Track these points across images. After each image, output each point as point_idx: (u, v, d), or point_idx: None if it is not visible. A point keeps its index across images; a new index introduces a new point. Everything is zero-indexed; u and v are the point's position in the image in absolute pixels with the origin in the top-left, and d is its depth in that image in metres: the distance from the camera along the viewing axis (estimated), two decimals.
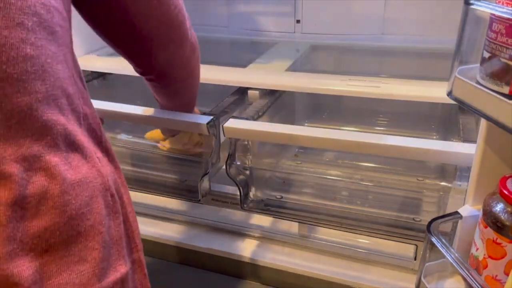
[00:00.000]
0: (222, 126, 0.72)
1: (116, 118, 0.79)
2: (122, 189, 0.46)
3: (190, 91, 0.72)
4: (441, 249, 0.50)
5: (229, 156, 0.76)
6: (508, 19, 0.41)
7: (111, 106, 0.77)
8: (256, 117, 0.78)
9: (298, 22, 1.18)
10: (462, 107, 0.50)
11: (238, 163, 0.77)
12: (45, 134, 0.37)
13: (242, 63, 0.98)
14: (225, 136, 0.74)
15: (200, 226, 0.87)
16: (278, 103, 0.89)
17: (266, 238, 0.83)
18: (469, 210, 0.54)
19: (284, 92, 0.90)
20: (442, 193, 0.77)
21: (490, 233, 0.48)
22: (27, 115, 0.35)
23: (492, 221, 0.47)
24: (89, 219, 0.39)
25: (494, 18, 0.42)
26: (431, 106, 0.95)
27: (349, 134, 0.70)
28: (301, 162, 0.96)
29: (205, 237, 0.85)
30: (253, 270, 0.80)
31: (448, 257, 0.50)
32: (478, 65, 0.45)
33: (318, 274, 0.75)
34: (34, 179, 0.36)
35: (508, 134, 0.42)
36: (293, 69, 0.97)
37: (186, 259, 0.85)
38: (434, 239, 0.51)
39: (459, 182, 0.64)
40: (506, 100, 0.41)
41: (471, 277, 0.47)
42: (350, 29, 1.14)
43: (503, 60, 0.42)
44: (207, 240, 0.84)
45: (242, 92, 0.89)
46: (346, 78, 0.84)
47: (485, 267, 0.50)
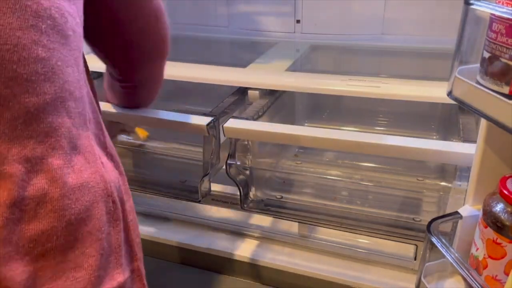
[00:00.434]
0: (222, 126, 0.72)
1: (115, 119, 0.79)
2: (125, 196, 0.45)
3: (154, 96, 0.73)
4: (441, 249, 0.50)
5: (229, 156, 0.76)
6: (508, 19, 0.41)
7: (111, 107, 0.77)
8: (256, 117, 0.78)
9: (298, 22, 1.18)
10: (462, 107, 0.50)
11: (238, 163, 0.77)
12: (50, 136, 0.37)
13: (242, 63, 0.98)
14: (225, 136, 0.74)
15: (200, 226, 0.87)
16: (278, 103, 0.89)
17: (266, 238, 0.83)
18: (469, 210, 0.54)
19: (284, 92, 0.90)
20: (442, 193, 0.77)
21: (490, 233, 0.48)
22: (34, 116, 0.35)
23: (492, 221, 0.47)
24: (87, 225, 0.39)
25: (494, 18, 0.42)
26: (431, 106, 0.95)
27: (349, 134, 0.70)
28: (301, 162, 0.96)
29: (205, 237, 0.85)
30: (253, 270, 0.80)
31: (448, 257, 0.50)
32: (478, 65, 0.45)
33: (318, 274, 0.75)
34: (34, 181, 0.36)
35: (508, 134, 0.42)
36: (293, 69, 0.97)
37: (186, 259, 0.85)
38: (434, 239, 0.51)
39: (459, 182, 0.64)
40: (506, 100, 0.41)
41: (471, 277, 0.46)
42: (350, 29, 1.14)
43: (503, 60, 0.42)
44: (207, 240, 0.84)
45: (242, 92, 0.89)
46: (346, 78, 0.84)
47: (485, 267, 0.50)
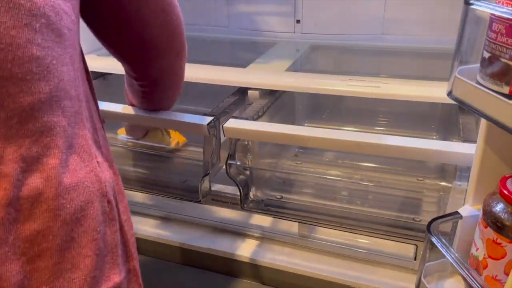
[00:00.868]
0: (222, 126, 0.72)
1: (116, 119, 0.79)
2: (119, 196, 0.45)
3: (174, 98, 0.72)
4: (441, 249, 0.50)
5: (229, 156, 0.76)
6: (508, 19, 0.41)
7: (111, 107, 0.77)
8: (256, 117, 0.78)
9: (298, 22, 1.18)
10: (462, 107, 0.50)
11: (238, 163, 0.77)
12: (45, 135, 0.36)
13: (242, 63, 0.98)
14: (225, 136, 0.74)
15: (200, 226, 0.87)
16: (278, 103, 0.89)
17: (266, 238, 0.83)
18: (469, 210, 0.54)
19: (284, 92, 0.90)
20: (442, 193, 0.77)
21: (490, 233, 0.48)
22: (29, 116, 0.35)
23: (492, 221, 0.47)
24: (83, 225, 0.38)
25: (494, 18, 0.42)
26: (431, 106, 0.95)
27: (349, 134, 0.70)
28: (301, 162, 0.96)
29: (205, 237, 0.85)
30: (253, 270, 0.80)
31: (448, 257, 0.50)
32: (478, 65, 0.45)
33: (318, 274, 0.75)
34: (29, 181, 0.35)
35: (508, 134, 0.42)
36: (293, 69, 0.97)
37: (186, 259, 0.85)
38: (434, 239, 0.51)
39: (459, 182, 0.64)
40: (506, 100, 0.41)
41: (471, 277, 0.46)
42: (350, 29, 1.14)
43: (503, 60, 0.42)
44: (207, 240, 0.84)
45: (242, 92, 0.89)
46: (346, 78, 0.84)
47: (485, 267, 0.50)
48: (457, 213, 0.54)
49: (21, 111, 0.35)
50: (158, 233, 0.86)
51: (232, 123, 0.73)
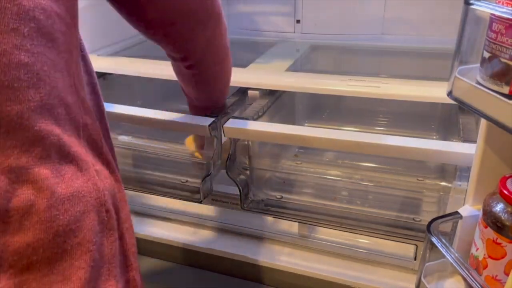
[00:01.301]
0: (223, 126, 0.72)
1: (116, 119, 0.79)
2: (120, 204, 0.43)
3: (226, 74, 0.70)
4: (441, 249, 0.50)
5: (229, 156, 0.76)
6: (508, 19, 0.41)
7: (111, 107, 0.77)
8: (256, 117, 0.78)
9: (298, 22, 1.18)
10: (462, 107, 0.50)
11: (238, 163, 0.77)
12: (36, 145, 0.35)
13: (242, 63, 0.98)
14: (225, 136, 0.74)
15: (200, 226, 0.87)
16: (278, 103, 0.89)
17: (266, 238, 0.83)
18: (469, 210, 0.54)
19: (284, 92, 0.90)
20: (442, 193, 0.77)
21: (490, 233, 0.48)
22: (17, 125, 0.33)
23: (492, 221, 0.47)
24: (77, 236, 0.37)
25: (494, 18, 0.42)
26: (431, 106, 0.95)
27: (349, 134, 0.70)
28: (301, 162, 0.96)
29: (205, 237, 0.85)
30: (253, 270, 0.80)
31: (448, 257, 0.50)
32: (478, 65, 0.45)
33: (318, 274, 0.75)
34: (19, 192, 0.34)
35: (508, 134, 0.42)
36: (293, 69, 0.97)
37: (186, 259, 0.85)
38: (434, 239, 0.51)
39: (459, 182, 0.64)
40: (506, 100, 0.41)
41: (471, 277, 0.47)
42: (350, 29, 1.14)
43: (503, 60, 0.42)
44: (207, 240, 0.84)
45: (242, 92, 0.89)
46: (346, 78, 0.84)
47: (485, 267, 0.50)
48: (457, 213, 0.54)
49: (8, 121, 0.33)
50: (157, 233, 0.86)
51: (232, 123, 0.73)
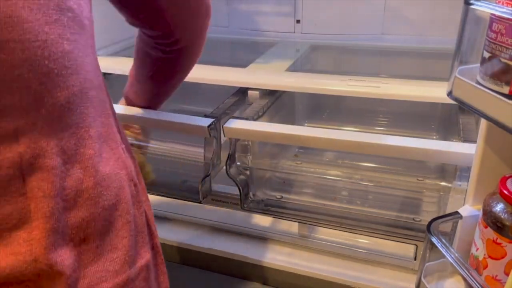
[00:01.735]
0: (222, 126, 0.72)
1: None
2: (138, 177, 0.47)
3: (189, 69, 0.69)
4: (441, 249, 0.50)
5: (229, 156, 0.76)
6: (508, 19, 0.41)
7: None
8: (256, 117, 0.78)
9: (298, 22, 1.18)
10: (462, 107, 0.50)
11: (238, 163, 0.77)
12: (80, 126, 0.38)
13: (242, 63, 0.98)
14: (225, 136, 0.74)
15: (200, 226, 0.87)
16: (278, 103, 0.89)
17: (266, 238, 0.83)
18: (469, 210, 0.54)
19: (284, 92, 0.90)
20: (442, 193, 0.77)
21: (490, 233, 0.48)
22: (66, 109, 0.37)
23: (492, 221, 0.47)
24: (118, 209, 0.41)
25: (494, 18, 0.42)
26: (431, 106, 0.95)
27: (349, 134, 0.70)
28: (301, 162, 0.96)
29: (205, 237, 0.85)
30: (253, 270, 0.80)
31: (448, 257, 0.50)
32: (478, 65, 0.45)
33: (318, 274, 0.75)
34: (71, 172, 0.37)
35: (508, 134, 0.42)
36: (293, 69, 0.97)
37: (186, 259, 0.85)
38: (434, 239, 0.51)
39: (459, 182, 0.64)
40: (506, 100, 0.41)
41: (471, 277, 0.47)
42: (350, 29, 1.14)
43: (503, 60, 0.42)
44: (207, 240, 0.84)
45: (242, 92, 0.89)
46: (346, 78, 0.84)
47: (485, 267, 0.50)
48: (457, 213, 0.54)
49: (59, 106, 0.36)
50: (158, 233, 0.86)
51: (232, 124, 0.73)
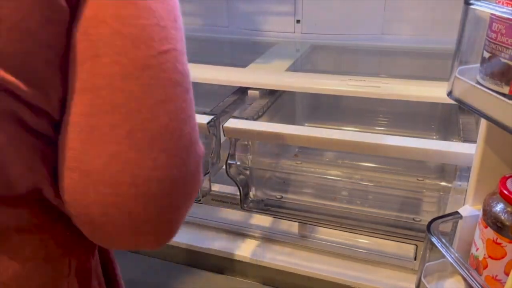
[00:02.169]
0: (222, 126, 0.72)
1: None
2: None
3: None
4: (441, 249, 0.50)
5: (229, 156, 0.76)
6: (508, 19, 0.41)
7: None
8: (256, 117, 0.78)
9: (298, 22, 1.18)
10: (462, 107, 0.50)
11: (238, 163, 0.77)
12: None
13: (242, 63, 0.98)
14: (225, 136, 0.74)
15: (200, 226, 0.87)
16: (278, 103, 0.89)
17: (266, 238, 0.83)
18: (469, 210, 0.54)
19: (284, 92, 0.90)
20: (442, 193, 0.77)
21: (490, 233, 0.48)
22: None
23: (492, 221, 0.47)
24: None
25: (494, 18, 0.42)
26: (431, 106, 0.95)
27: (349, 134, 0.70)
28: (301, 162, 0.96)
29: (205, 237, 0.85)
30: (253, 270, 0.80)
31: (448, 257, 0.50)
32: (478, 65, 0.45)
33: (318, 274, 0.75)
34: None
35: (508, 134, 0.42)
36: (293, 69, 0.97)
37: (186, 259, 0.85)
38: (434, 239, 0.51)
39: (459, 182, 0.64)
40: (506, 100, 0.41)
41: (471, 277, 0.46)
42: (350, 29, 1.14)
43: (503, 60, 0.42)
44: (207, 240, 0.84)
45: (242, 92, 0.89)
46: (346, 78, 0.84)
47: (485, 267, 0.50)
48: (457, 213, 0.54)
49: None
50: None
51: (232, 123, 0.73)
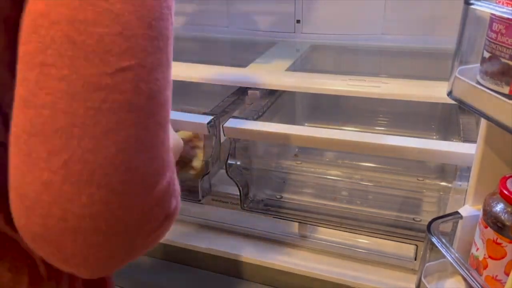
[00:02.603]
0: (222, 126, 0.72)
1: None
2: None
3: None
4: (441, 249, 0.50)
5: (229, 156, 0.76)
6: (508, 19, 0.41)
7: None
8: (256, 117, 0.78)
9: (298, 22, 1.18)
10: (462, 107, 0.50)
11: (238, 163, 0.77)
12: None
13: (242, 63, 0.98)
14: (225, 136, 0.74)
15: (200, 226, 0.87)
16: (278, 103, 0.89)
17: (266, 238, 0.83)
18: (469, 210, 0.54)
19: (284, 92, 0.89)
20: (442, 193, 0.78)
21: (491, 233, 0.48)
22: None
23: (492, 221, 0.47)
24: None
25: (494, 18, 0.42)
26: (431, 106, 0.95)
27: (349, 134, 0.70)
28: (301, 162, 0.96)
29: (205, 237, 0.85)
30: (253, 270, 0.80)
31: (448, 257, 0.50)
32: (478, 65, 0.45)
33: (318, 274, 0.75)
34: None
35: (508, 134, 0.42)
36: (293, 69, 0.97)
37: (186, 259, 0.85)
38: (434, 239, 0.51)
39: (459, 182, 0.64)
40: (506, 100, 0.41)
41: (471, 277, 0.47)
42: (350, 29, 1.14)
43: (503, 60, 0.42)
44: (207, 240, 0.84)
45: (242, 92, 0.89)
46: (346, 78, 0.84)
47: (485, 267, 0.50)
48: (457, 213, 0.54)
49: None
50: None
51: (232, 123, 0.73)
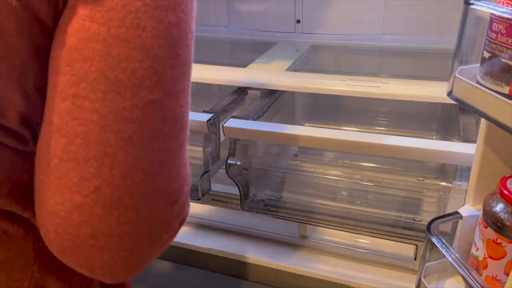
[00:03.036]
0: (222, 126, 0.72)
1: None
2: None
3: None
4: (441, 249, 0.50)
5: (229, 156, 0.76)
6: (508, 19, 0.41)
7: None
8: (256, 117, 0.78)
9: (298, 22, 1.18)
10: (462, 107, 0.50)
11: (238, 163, 0.77)
12: None
13: (242, 63, 0.98)
14: (225, 136, 0.74)
15: (199, 226, 0.87)
16: (278, 103, 0.89)
17: (266, 238, 0.83)
18: (469, 210, 0.54)
19: (284, 92, 0.89)
20: (442, 193, 0.77)
21: (490, 233, 0.48)
22: None
23: (492, 221, 0.47)
24: None
25: (494, 18, 0.42)
26: (431, 106, 0.95)
27: (349, 134, 0.70)
28: (301, 162, 0.96)
29: (204, 237, 0.85)
30: (253, 270, 0.80)
31: (448, 257, 0.50)
32: (478, 65, 0.45)
33: (318, 274, 0.75)
34: None
35: (508, 134, 0.42)
36: (293, 69, 0.97)
37: (186, 259, 0.85)
38: (434, 239, 0.51)
39: (459, 182, 0.64)
40: (506, 100, 0.41)
41: (471, 277, 0.47)
42: (350, 29, 1.14)
43: (503, 60, 0.42)
44: (207, 240, 0.84)
45: (242, 92, 0.89)
46: (346, 78, 0.84)
47: (485, 267, 0.50)
48: (457, 213, 0.54)
49: None
50: None
51: (232, 123, 0.73)
